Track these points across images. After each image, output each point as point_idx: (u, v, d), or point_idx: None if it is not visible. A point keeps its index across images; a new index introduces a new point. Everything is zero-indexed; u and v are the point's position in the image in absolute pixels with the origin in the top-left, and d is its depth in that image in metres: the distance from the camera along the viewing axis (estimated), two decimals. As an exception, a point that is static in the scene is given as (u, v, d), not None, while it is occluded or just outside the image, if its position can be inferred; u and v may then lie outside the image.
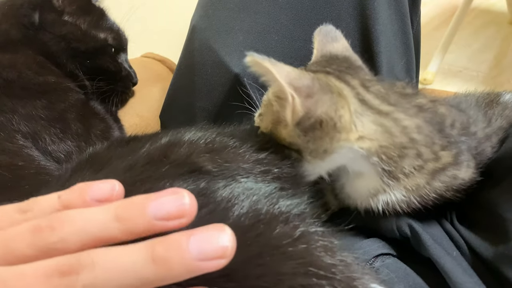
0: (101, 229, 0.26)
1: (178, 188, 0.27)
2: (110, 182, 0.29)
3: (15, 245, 0.26)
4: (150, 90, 0.82)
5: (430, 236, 0.42)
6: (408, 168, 0.42)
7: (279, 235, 0.32)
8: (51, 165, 0.56)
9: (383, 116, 0.41)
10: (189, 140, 0.41)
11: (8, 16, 0.64)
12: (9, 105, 0.56)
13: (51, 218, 0.27)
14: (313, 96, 0.38)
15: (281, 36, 0.56)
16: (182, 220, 0.26)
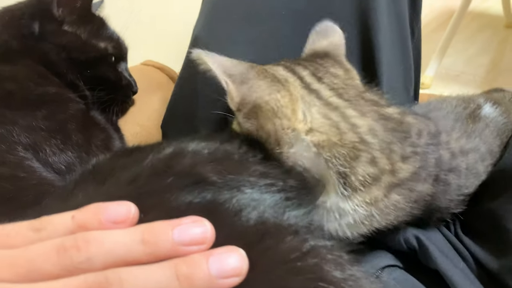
0: (127, 251, 0.28)
1: (198, 217, 0.30)
2: (126, 205, 0.30)
3: (40, 264, 0.27)
4: (150, 99, 0.81)
5: (437, 248, 0.42)
6: (362, 174, 0.39)
7: (287, 249, 0.32)
8: (52, 176, 0.55)
9: (331, 109, 0.40)
10: (192, 150, 0.40)
11: (8, 27, 0.65)
12: (9, 116, 0.56)
13: (76, 238, 0.28)
14: (247, 82, 0.39)
15: (283, 47, 0.56)
16: (202, 247, 0.29)
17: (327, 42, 0.48)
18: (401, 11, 0.61)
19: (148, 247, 0.28)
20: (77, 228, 0.30)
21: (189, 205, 0.35)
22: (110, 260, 0.27)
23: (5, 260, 0.28)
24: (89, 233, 0.29)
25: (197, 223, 0.29)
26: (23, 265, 0.27)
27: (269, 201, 0.36)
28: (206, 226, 0.29)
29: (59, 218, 0.31)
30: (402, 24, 0.62)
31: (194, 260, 0.28)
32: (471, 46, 2.02)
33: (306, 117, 0.39)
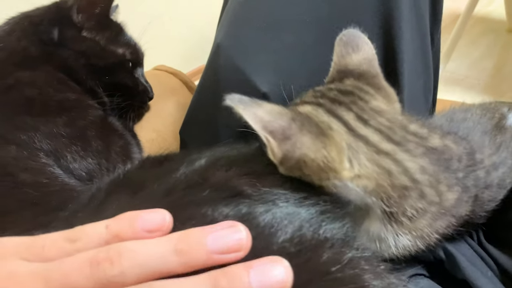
0: (160, 263, 0.27)
1: (233, 221, 0.28)
2: (160, 213, 0.30)
3: (74, 278, 0.27)
4: (165, 104, 0.82)
5: (464, 257, 0.43)
6: (410, 210, 0.39)
7: (327, 261, 0.32)
8: (74, 182, 0.55)
9: (382, 155, 0.38)
10: (227, 162, 0.41)
11: (28, 33, 0.64)
12: (31, 123, 0.56)
13: (108, 250, 0.27)
14: (290, 138, 0.36)
15: (306, 55, 0.56)
16: (239, 254, 0.27)
17: (359, 58, 0.46)
18: (423, 21, 0.61)
19: (182, 257, 0.27)
20: (112, 238, 0.29)
21: (225, 218, 0.35)
22: (144, 273, 0.27)
23: (40, 274, 0.28)
24: (122, 245, 0.28)
25: (232, 229, 0.28)
26: (58, 280, 0.27)
27: (304, 215, 0.36)
28: (241, 232, 0.28)
29: (94, 228, 0.30)
30: (424, 33, 0.62)
31: (234, 273, 0.26)
32: (475, 50, 2.03)
33: (354, 165, 0.37)
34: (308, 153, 0.36)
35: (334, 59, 0.47)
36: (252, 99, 0.37)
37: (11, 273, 0.28)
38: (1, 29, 0.65)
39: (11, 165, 0.51)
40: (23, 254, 0.29)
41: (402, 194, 0.38)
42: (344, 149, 0.37)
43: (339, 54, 0.47)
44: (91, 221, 0.39)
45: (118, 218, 0.30)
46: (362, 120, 0.40)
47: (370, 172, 0.37)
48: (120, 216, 0.30)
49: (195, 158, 0.44)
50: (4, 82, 0.57)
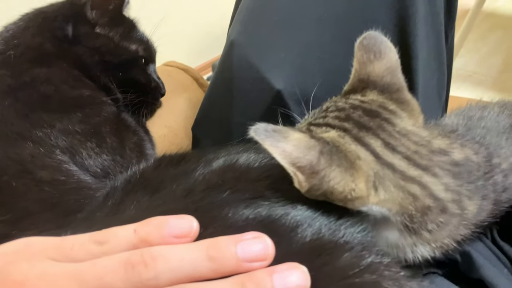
0: (192, 268, 0.28)
1: (259, 233, 0.30)
2: (188, 219, 0.31)
3: (109, 280, 0.27)
4: (177, 100, 0.82)
5: (480, 255, 0.43)
6: (431, 224, 0.39)
7: (345, 265, 0.32)
8: (89, 179, 0.56)
9: (409, 181, 0.38)
10: (244, 163, 0.41)
11: (42, 29, 0.64)
12: (47, 120, 0.56)
13: (142, 254, 0.28)
14: (318, 173, 0.35)
15: (322, 53, 0.56)
16: (264, 263, 0.29)
17: (382, 67, 0.44)
18: (438, 18, 0.61)
19: (213, 263, 0.28)
20: (139, 242, 0.30)
21: (246, 221, 0.35)
22: (176, 276, 0.28)
23: (73, 274, 0.28)
24: (155, 249, 0.29)
25: (259, 240, 0.30)
26: (92, 281, 0.28)
27: (323, 218, 0.36)
28: (267, 243, 0.29)
29: (121, 231, 0.31)
30: (439, 30, 0.62)
31: (260, 277, 0.28)
32: (483, 46, 2.02)
33: (380, 192, 0.37)
34: (337, 187, 0.35)
35: (355, 65, 0.45)
36: (277, 129, 0.35)
37: (42, 272, 0.28)
38: (16, 25, 0.66)
39: (29, 162, 0.51)
40: (51, 254, 0.30)
41: (424, 213, 0.38)
42: (372, 178, 0.37)
43: (361, 60, 0.45)
44: (110, 221, 0.40)
45: (146, 223, 0.31)
46: (390, 147, 0.39)
47: (395, 197, 0.37)
48: (147, 220, 0.31)
49: (212, 158, 0.44)
50: (20, 78, 0.58)
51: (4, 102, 0.54)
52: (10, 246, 0.31)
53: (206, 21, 1.78)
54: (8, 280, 0.28)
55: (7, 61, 0.60)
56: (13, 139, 0.52)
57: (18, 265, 0.29)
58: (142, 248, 0.29)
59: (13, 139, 0.52)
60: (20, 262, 0.29)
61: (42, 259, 0.29)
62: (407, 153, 0.39)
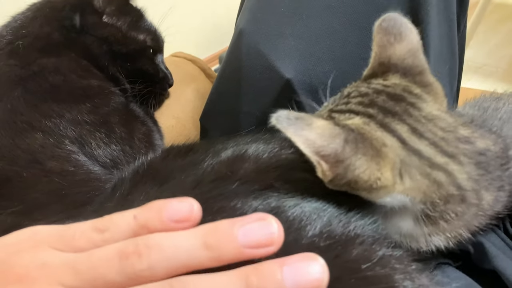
0: (189, 257, 0.26)
1: (264, 214, 0.27)
2: (188, 201, 0.29)
3: (103, 270, 0.27)
4: (184, 91, 0.82)
5: (493, 245, 0.43)
6: (450, 213, 0.38)
7: (357, 258, 0.32)
8: (98, 170, 0.56)
9: (436, 168, 0.37)
10: (253, 154, 0.41)
11: (50, 19, 0.64)
12: (56, 109, 0.56)
13: (137, 244, 0.27)
14: (343, 161, 0.34)
15: (332, 40, 0.55)
16: (271, 249, 0.26)
17: (403, 49, 0.42)
18: (450, 6, 0.60)
19: (211, 251, 0.26)
20: (140, 228, 0.29)
21: (255, 212, 0.35)
22: (172, 266, 0.26)
23: (70, 265, 0.28)
24: (150, 238, 0.27)
25: (263, 222, 0.26)
26: (87, 271, 0.27)
27: (333, 210, 0.36)
28: (273, 225, 0.26)
29: (121, 217, 0.30)
30: (451, 19, 0.61)
31: (267, 269, 0.25)
32: (492, 37, 2.00)
33: (405, 179, 0.36)
34: (362, 176, 0.34)
35: (375, 49, 0.44)
36: (300, 116, 0.34)
37: (43, 264, 0.28)
38: (24, 15, 0.65)
39: (39, 152, 0.52)
40: (54, 244, 0.29)
41: (447, 201, 0.37)
42: (398, 165, 0.36)
43: (380, 43, 0.43)
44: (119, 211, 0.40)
45: (145, 208, 0.30)
46: (417, 132, 0.38)
47: (421, 185, 0.37)
48: (147, 205, 0.30)
49: (220, 148, 0.44)
50: (29, 68, 0.58)
51: (13, 93, 0.55)
52: (15, 235, 0.31)
53: (213, 13, 1.77)
54: (11, 272, 0.28)
55: (15, 51, 0.60)
56: (23, 129, 0.53)
57: (21, 257, 0.29)
58: (138, 237, 0.28)
59: (23, 129, 0.52)
60: (23, 253, 0.29)
61: (45, 248, 0.29)
62: (434, 139, 0.38)
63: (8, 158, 0.50)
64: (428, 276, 0.33)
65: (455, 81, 0.67)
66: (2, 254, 0.29)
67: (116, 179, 0.47)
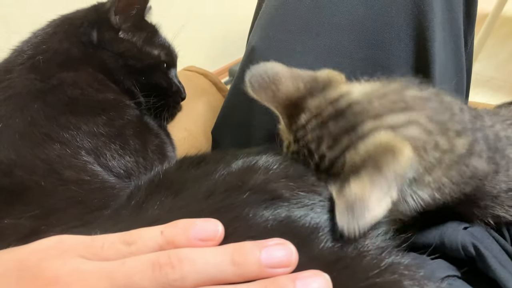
0: (217, 271, 0.29)
1: (284, 240, 0.31)
2: (214, 223, 0.32)
3: (137, 279, 0.29)
4: (196, 104, 0.84)
5: (494, 257, 0.43)
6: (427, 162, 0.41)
7: (366, 266, 0.33)
8: (113, 180, 0.58)
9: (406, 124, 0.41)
10: (264, 165, 0.42)
11: (69, 35, 0.67)
12: (73, 122, 0.58)
13: (169, 255, 0.29)
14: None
15: (341, 57, 0.57)
16: (287, 269, 0.30)
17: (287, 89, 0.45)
18: (456, 22, 0.61)
19: (238, 268, 0.29)
20: (166, 244, 0.31)
21: (266, 222, 0.36)
22: (201, 279, 0.29)
23: (103, 272, 0.29)
24: (182, 251, 0.30)
25: (283, 246, 0.31)
26: (121, 279, 0.29)
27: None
28: (291, 249, 0.30)
29: (149, 232, 0.32)
30: (457, 35, 0.62)
31: (282, 283, 0.29)
32: (501, 51, 2.00)
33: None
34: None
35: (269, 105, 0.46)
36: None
37: (74, 270, 0.29)
38: (44, 31, 0.68)
39: (56, 162, 0.53)
40: (82, 252, 0.31)
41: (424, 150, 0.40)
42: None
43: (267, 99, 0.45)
44: (134, 220, 0.42)
45: (173, 225, 0.32)
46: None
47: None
48: (174, 222, 0.32)
49: (231, 159, 0.46)
50: (48, 82, 0.60)
51: (33, 105, 0.57)
52: (43, 243, 0.33)
53: (223, 27, 1.80)
54: (41, 277, 0.29)
55: (36, 65, 0.62)
56: (42, 140, 0.54)
57: (51, 262, 0.30)
58: (169, 250, 0.30)
59: (42, 140, 0.54)
60: (52, 259, 0.30)
61: (74, 256, 0.31)
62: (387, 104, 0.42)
63: (27, 168, 0.52)
64: (434, 283, 0.34)
65: (463, 96, 0.68)
66: (32, 260, 0.31)
67: (132, 187, 0.49)
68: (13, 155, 0.52)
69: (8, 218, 0.47)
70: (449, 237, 0.47)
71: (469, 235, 0.47)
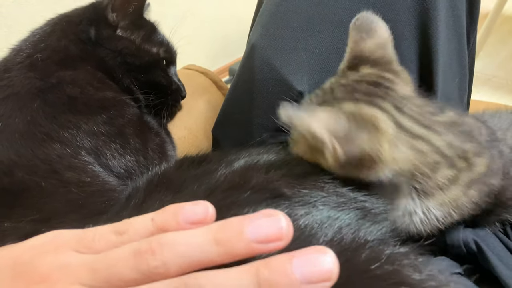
0: (201, 253, 0.27)
1: (273, 210, 0.27)
2: (203, 204, 0.30)
3: (118, 268, 0.28)
4: (196, 103, 0.83)
5: (495, 254, 0.43)
6: (440, 179, 0.41)
7: (366, 260, 0.33)
8: (113, 180, 0.57)
9: (418, 139, 0.41)
10: (265, 164, 0.42)
11: (67, 33, 0.66)
12: (73, 121, 0.58)
13: (150, 242, 0.28)
14: (351, 137, 0.38)
15: (343, 54, 0.56)
16: (280, 243, 0.26)
17: (373, 43, 0.47)
18: (460, 20, 0.61)
19: (222, 247, 0.27)
20: (157, 230, 0.30)
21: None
22: (185, 263, 0.27)
23: (87, 265, 0.29)
24: (163, 236, 0.28)
25: (272, 218, 0.27)
26: (104, 270, 0.28)
27: (343, 218, 0.37)
28: (281, 221, 0.26)
29: (139, 220, 0.31)
30: (460, 33, 0.62)
31: (277, 262, 0.25)
32: (502, 49, 2.00)
33: (396, 154, 0.40)
34: (367, 149, 0.38)
35: (349, 44, 0.48)
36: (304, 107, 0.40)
37: (64, 265, 0.29)
38: (42, 29, 0.68)
39: (56, 162, 0.53)
40: (75, 246, 0.31)
41: (434, 168, 0.41)
42: (391, 136, 0.40)
43: (354, 39, 0.48)
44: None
45: (162, 211, 0.31)
46: (398, 108, 0.42)
47: (407, 156, 0.40)
48: (164, 209, 0.31)
49: (233, 159, 0.45)
50: (47, 81, 0.60)
51: (33, 104, 0.56)
52: (39, 239, 0.33)
53: (223, 26, 1.80)
54: (34, 273, 0.29)
55: (35, 64, 0.61)
56: (42, 139, 0.54)
57: (44, 259, 0.30)
58: (152, 236, 0.29)
59: (41, 140, 0.54)
60: (46, 255, 0.30)
61: (66, 251, 0.30)
62: (411, 114, 0.42)
63: (27, 168, 0.51)
64: (434, 266, 0.33)
65: (465, 93, 0.67)
66: (27, 256, 0.31)
67: (130, 189, 0.49)
68: (13, 155, 0.52)
69: (9, 221, 0.46)
70: (451, 234, 0.47)
71: (470, 232, 0.47)
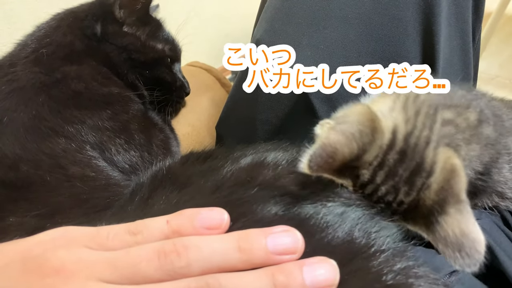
0: (223, 258, 0.29)
1: (289, 227, 0.31)
2: (219, 211, 0.32)
3: (143, 267, 0.29)
4: (200, 99, 0.83)
5: (502, 249, 0.43)
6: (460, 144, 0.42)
7: (378, 268, 0.33)
8: (118, 175, 0.57)
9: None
10: (273, 161, 0.41)
11: (73, 28, 0.66)
12: (78, 116, 0.58)
13: (175, 243, 0.29)
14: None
15: (348, 51, 0.56)
16: (294, 256, 0.30)
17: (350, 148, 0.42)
18: (463, 18, 0.61)
19: (244, 254, 0.29)
20: (172, 233, 0.31)
21: (274, 217, 0.36)
22: (207, 266, 0.29)
23: (108, 261, 0.29)
24: (188, 239, 0.30)
25: (289, 233, 0.30)
26: (127, 268, 0.29)
27: (352, 216, 0.37)
28: (297, 236, 0.30)
29: (154, 222, 0.32)
30: (464, 30, 0.61)
31: (290, 269, 0.28)
32: (505, 49, 1.99)
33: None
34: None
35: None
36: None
37: (79, 259, 0.29)
38: (48, 24, 0.67)
39: (61, 157, 0.53)
40: (87, 243, 0.31)
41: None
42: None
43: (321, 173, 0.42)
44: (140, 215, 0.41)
45: (178, 214, 0.32)
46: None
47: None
48: (180, 212, 0.32)
49: (239, 155, 0.45)
50: (52, 76, 0.59)
51: (38, 99, 0.56)
52: (48, 234, 0.33)
53: (226, 24, 1.80)
54: (46, 266, 0.29)
55: (40, 58, 0.61)
56: (47, 134, 0.54)
57: (56, 252, 0.30)
58: (174, 238, 0.30)
59: (46, 135, 0.54)
60: (57, 249, 0.30)
61: (79, 246, 0.31)
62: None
63: (32, 162, 0.51)
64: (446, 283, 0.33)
65: None
66: (38, 250, 0.30)
67: (134, 184, 0.48)
68: (18, 149, 0.52)
69: (14, 216, 0.46)
70: None
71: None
